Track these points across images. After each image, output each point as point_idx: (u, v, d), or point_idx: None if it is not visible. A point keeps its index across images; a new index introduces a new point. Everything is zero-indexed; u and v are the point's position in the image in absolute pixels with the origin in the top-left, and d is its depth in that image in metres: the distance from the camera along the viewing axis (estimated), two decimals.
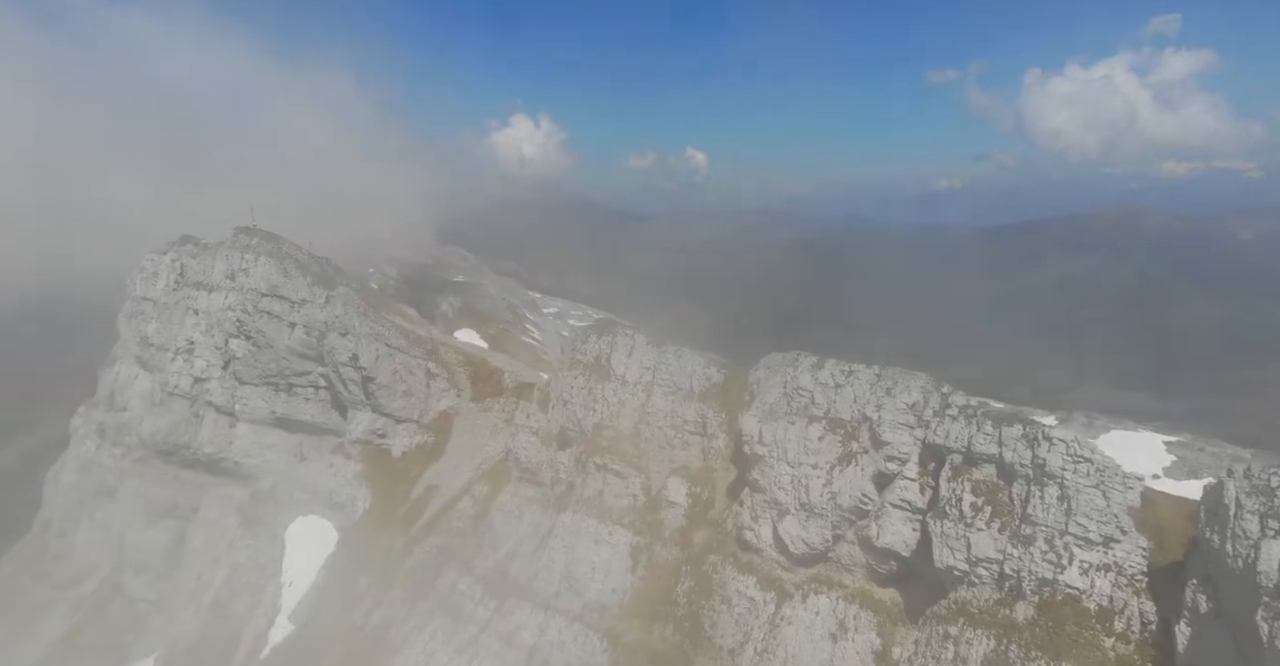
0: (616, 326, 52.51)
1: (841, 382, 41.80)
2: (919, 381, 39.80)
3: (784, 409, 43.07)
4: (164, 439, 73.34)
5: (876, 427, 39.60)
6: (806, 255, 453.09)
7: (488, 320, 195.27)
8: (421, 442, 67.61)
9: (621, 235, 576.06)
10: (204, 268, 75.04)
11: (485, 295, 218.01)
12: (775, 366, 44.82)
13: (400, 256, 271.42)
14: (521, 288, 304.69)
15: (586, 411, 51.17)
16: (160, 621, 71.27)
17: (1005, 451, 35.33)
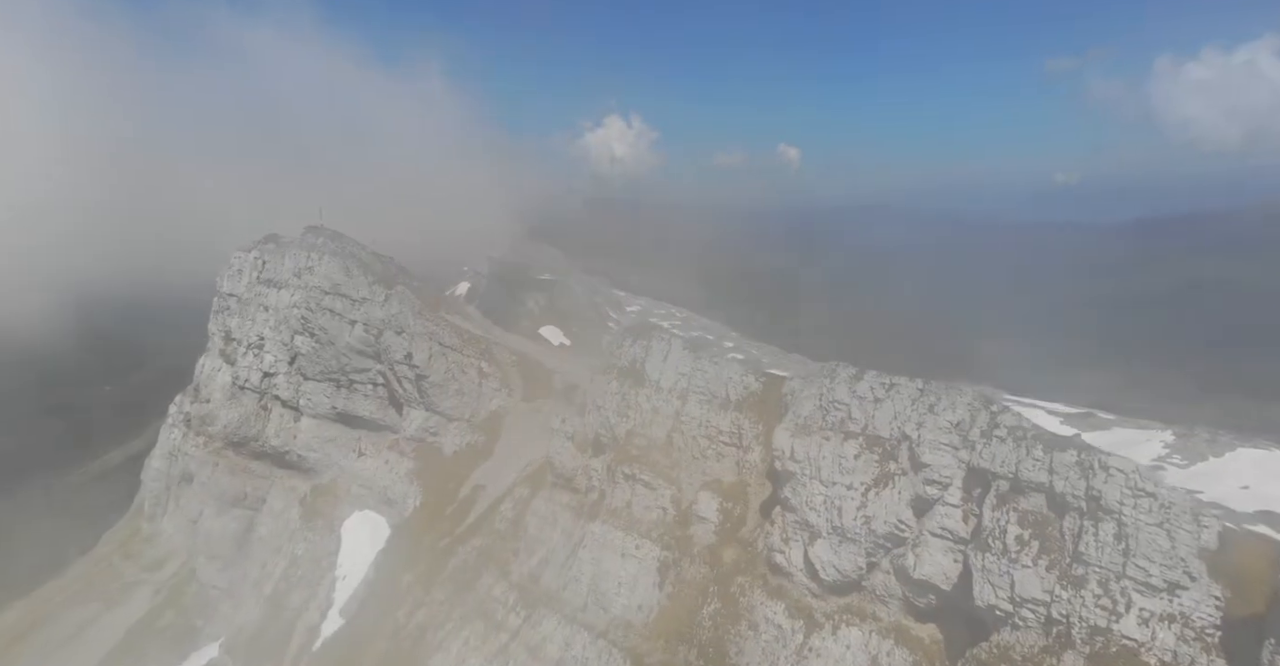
0: (653, 330, 50.72)
1: (881, 397, 38.56)
2: (965, 398, 36.15)
3: (818, 423, 40.17)
4: (235, 430, 76.46)
5: (916, 447, 36.25)
6: (908, 253, 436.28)
7: (571, 318, 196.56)
8: (472, 442, 67.72)
9: (710, 233, 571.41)
10: (274, 266, 77.79)
11: (570, 293, 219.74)
12: (811, 377, 41.94)
13: (494, 255, 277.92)
14: (607, 286, 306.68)
15: (620, 418, 49.58)
16: (228, 608, 74.31)
17: (1056, 480, 31.49)
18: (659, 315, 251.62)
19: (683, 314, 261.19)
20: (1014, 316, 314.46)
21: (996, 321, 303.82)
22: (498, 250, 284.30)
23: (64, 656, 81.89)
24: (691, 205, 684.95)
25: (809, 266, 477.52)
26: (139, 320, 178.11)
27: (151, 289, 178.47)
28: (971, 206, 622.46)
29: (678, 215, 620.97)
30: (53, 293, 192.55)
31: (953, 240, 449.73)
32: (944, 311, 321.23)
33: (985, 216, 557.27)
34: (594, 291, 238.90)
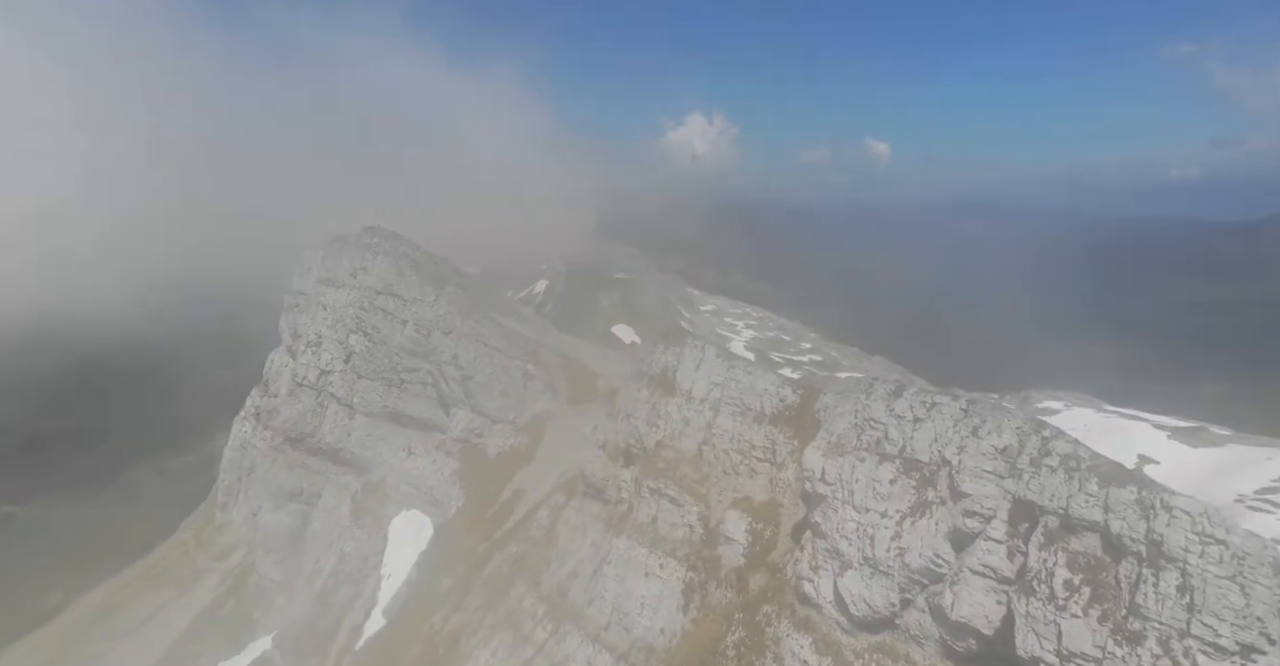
0: (685, 337, 48.28)
1: (921, 416, 35.12)
2: (1013, 421, 32.40)
3: (853, 443, 37.02)
4: (293, 426, 78.26)
5: (956, 474, 32.75)
6: (1005, 251, 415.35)
7: (643, 316, 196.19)
8: (515, 444, 67.02)
9: (791, 231, 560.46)
10: (333, 265, 79.17)
11: (643, 292, 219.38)
12: (846, 391, 38.76)
13: (571, 254, 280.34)
14: (682, 285, 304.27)
15: (649, 428, 47.47)
16: (282, 601, 76.19)
17: (1112, 519, 27.61)
18: (734, 314, 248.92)
19: (759, 313, 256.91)
20: (1122, 319, 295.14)
21: (1103, 324, 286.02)
22: (575, 249, 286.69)
23: (137, 640, 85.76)
24: (773, 202, 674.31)
25: (897, 264, 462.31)
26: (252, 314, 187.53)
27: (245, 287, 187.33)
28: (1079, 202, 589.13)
29: (758, 213, 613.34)
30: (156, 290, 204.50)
31: (1056, 237, 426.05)
32: (1044, 313, 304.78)
33: (1094, 212, 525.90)
34: (667, 290, 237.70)
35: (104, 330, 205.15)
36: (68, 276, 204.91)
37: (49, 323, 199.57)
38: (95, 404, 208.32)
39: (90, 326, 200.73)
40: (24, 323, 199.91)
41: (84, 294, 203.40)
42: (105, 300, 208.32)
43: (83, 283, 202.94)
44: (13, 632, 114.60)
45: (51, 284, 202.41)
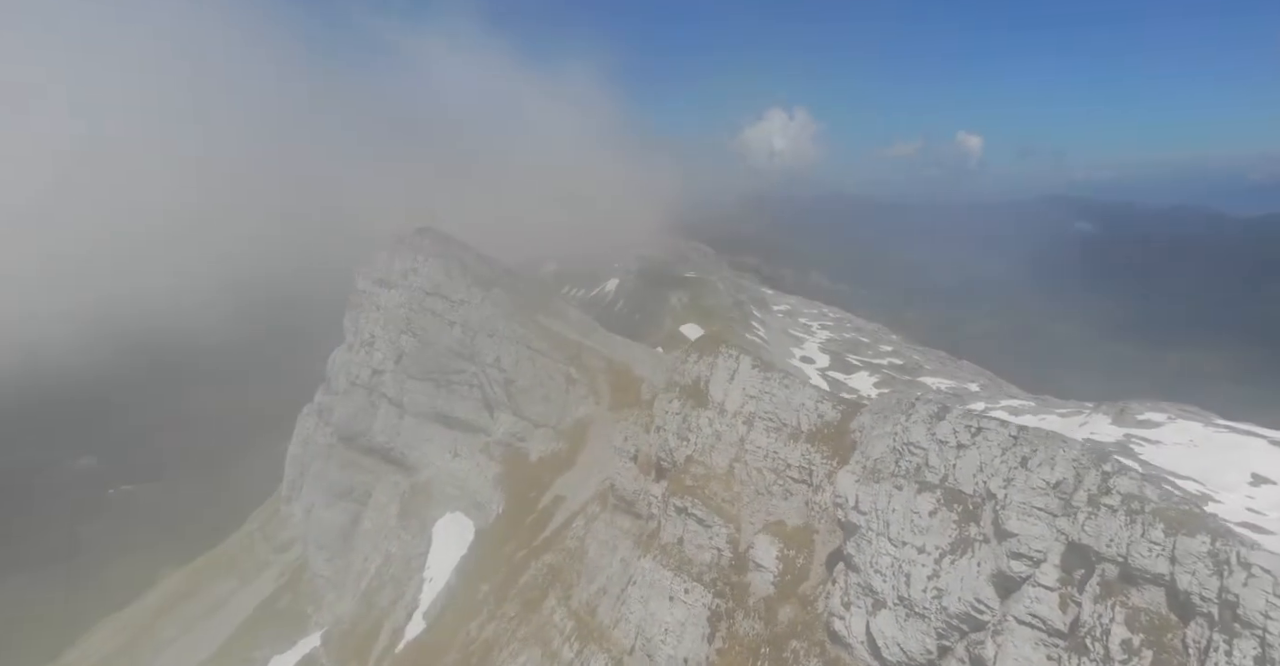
0: (718, 345, 45.52)
1: (966, 442, 31.53)
2: (1069, 452, 28.53)
3: (890, 469, 33.68)
4: (346, 424, 79.21)
5: (1002, 510, 29.13)
6: (1116, 250, 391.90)
7: (712, 316, 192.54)
8: (556, 449, 65.69)
9: (875, 228, 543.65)
10: (386, 266, 79.70)
11: (713, 291, 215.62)
12: (885, 411, 35.35)
13: (643, 253, 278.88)
14: (755, 284, 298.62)
15: (680, 441, 45.01)
16: (332, 598, 77.19)
17: (1180, 572, 23.73)
18: (809, 315, 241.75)
19: (836, 314, 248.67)
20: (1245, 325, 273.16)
21: (1221, 330, 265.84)
22: (647, 247, 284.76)
23: (202, 629, 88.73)
24: (856, 198, 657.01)
25: (991, 263, 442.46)
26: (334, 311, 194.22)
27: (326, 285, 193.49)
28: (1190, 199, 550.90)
29: (840, 209, 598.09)
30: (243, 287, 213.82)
31: (1175, 236, 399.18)
32: (1156, 316, 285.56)
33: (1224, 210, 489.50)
34: (739, 290, 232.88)
35: (202, 328, 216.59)
36: (160, 276, 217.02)
37: (155, 320, 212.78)
38: (200, 393, 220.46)
39: (189, 323, 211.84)
40: (128, 322, 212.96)
41: (173, 291, 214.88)
42: (194, 298, 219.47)
43: (171, 282, 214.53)
44: (105, 608, 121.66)
45: (143, 282, 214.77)
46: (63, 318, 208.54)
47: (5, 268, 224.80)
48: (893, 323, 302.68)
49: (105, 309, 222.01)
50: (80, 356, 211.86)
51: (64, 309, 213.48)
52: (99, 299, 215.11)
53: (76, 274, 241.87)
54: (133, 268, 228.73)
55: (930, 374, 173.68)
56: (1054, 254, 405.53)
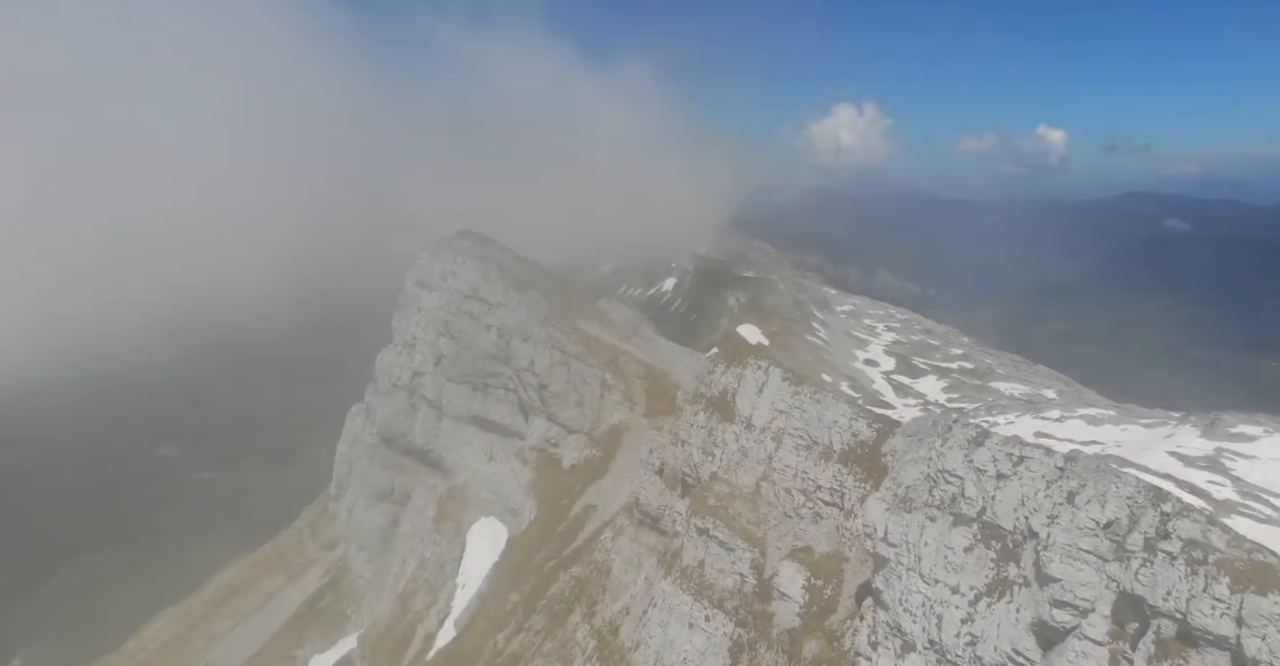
0: (746, 356, 42.99)
1: (1006, 472, 28.41)
2: (1123, 488, 25.23)
3: (923, 497, 30.75)
4: (387, 425, 79.38)
5: (1044, 551, 26.02)
6: (1213, 250, 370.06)
7: (771, 317, 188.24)
8: (589, 456, 64.10)
9: (948, 226, 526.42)
10: (427, 268, 79.52)
11: (772, 291, 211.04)
12: (919, 434, 32.33)
13: (701, 252, 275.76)
14: (818, 283, 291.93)
15: (704, 457, 42.73)
16: (371, 600, 77.36)
17: (1248, 636, 20.47)
18: (874, 316, 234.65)
19: (904, 315, 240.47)
20: None
21: None
22: (705, 246, 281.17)
23: (251, 624, 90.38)
24: (928, 195, 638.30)
25: (1069, 262, 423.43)
26: None
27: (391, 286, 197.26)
28: None
29: (910, 206, 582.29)
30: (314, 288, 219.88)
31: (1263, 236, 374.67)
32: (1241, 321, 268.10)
33: None
34: (800, 289, 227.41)
35: (268, 323, 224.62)
36: (226, 272, 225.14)
37: (224, 316, 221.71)
38: (270, 385, 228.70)
39: (256, 318, 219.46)
40: (197, 317, 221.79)
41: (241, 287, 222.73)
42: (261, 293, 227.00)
43: (239, 278, 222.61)
44: (180, 591, 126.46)
45: (209, 278, 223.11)
46: (132, 311, 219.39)
47: (77, 262, 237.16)
48: (965, 325, 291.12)
49: (172, 304, 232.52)
50: (152, 349, 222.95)
51: (132, 303, 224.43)
52: (165, 294, 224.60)
53: (142, 271, 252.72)
54: (198, 263, 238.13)
55: (1003, 379, 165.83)
56: (1141, 253, 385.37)
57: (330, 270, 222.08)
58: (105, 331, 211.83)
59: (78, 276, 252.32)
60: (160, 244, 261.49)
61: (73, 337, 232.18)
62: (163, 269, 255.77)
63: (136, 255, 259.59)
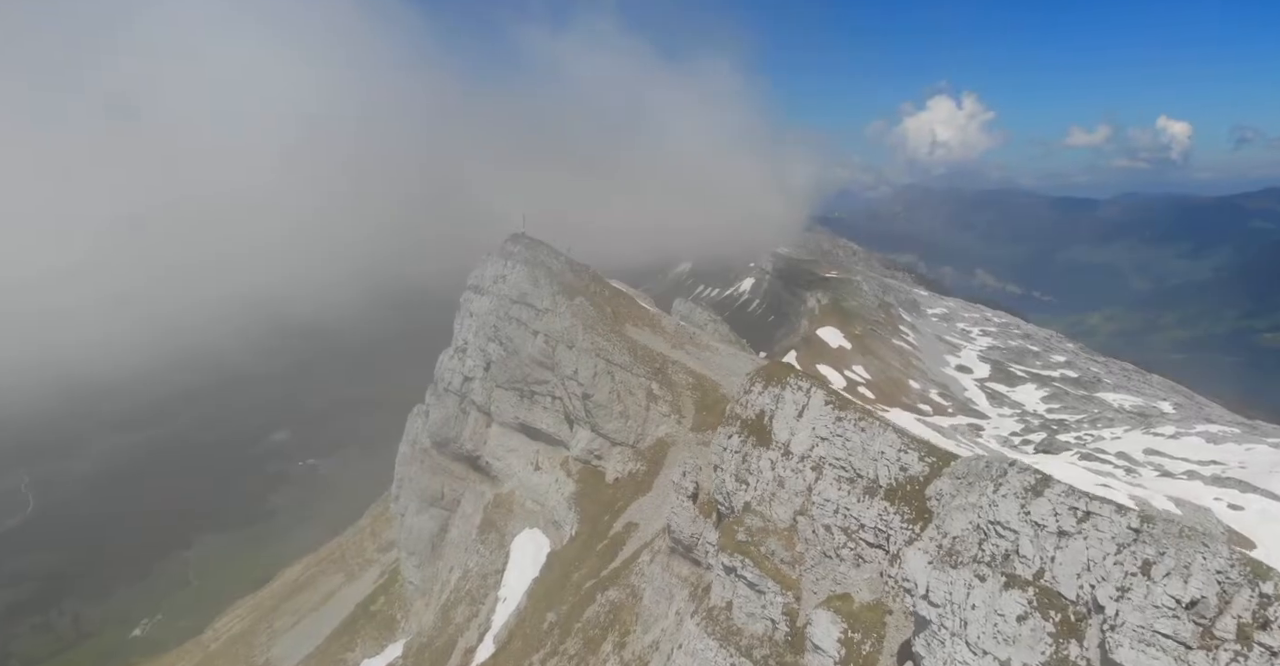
0: (786, 374, 39.12)
1: (1069, 529, 23.98)
2: (1214, 561, 20.61)
3: (971, 551, 26.55)
4: (438, 430, 78.71)
5: (1112, 631, 21.64)
6: None
7: (854, 319, 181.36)
8: (633, 471, 61.29)
9: (1054, 224, 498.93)
10: (480, 272, 78.43)
11: (856, 291, 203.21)
12: (969, 477, 28.05)
13: (782, 251, 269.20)
14: (908, 284, 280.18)
15: (737, 484, 39.19)
16: (419, 607, 76.90)
17: None
18: (968, 319, 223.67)
19: (1001, 318, 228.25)
20: None
21: None
22: (786, 245, 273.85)
23: (309, 622, 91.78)
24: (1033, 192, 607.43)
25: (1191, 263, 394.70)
26: None
27: None
28: None
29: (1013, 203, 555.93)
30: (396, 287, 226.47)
31: None
32: None
33: None
34: (886, 290, 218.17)
35: (363, 318, 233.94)
36: (314, 270, 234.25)
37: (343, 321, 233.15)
38: (365, 377, 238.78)
39: (347, 313, 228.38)
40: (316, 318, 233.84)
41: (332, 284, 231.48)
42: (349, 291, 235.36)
43: (328, 276, 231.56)
44: (256, 581, 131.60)
45: (295, 274, 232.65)
46: (225, 305, 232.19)
47: (175, 259, 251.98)
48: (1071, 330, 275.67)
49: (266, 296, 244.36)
50: (258, 340, 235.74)
51: (223, 299, 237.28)
52: (257, 290, 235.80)
53: (238, 268, 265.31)
54: (287, 257, 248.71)
55: (1111, 389, 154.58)
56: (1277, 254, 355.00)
57: (422, 265, 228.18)
58: (202, 321, 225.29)
59: (180, 273, 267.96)
60: (250, 239, 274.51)
61: (171, 322, 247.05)
62: (255, 263, 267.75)
63: (228, 251, 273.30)
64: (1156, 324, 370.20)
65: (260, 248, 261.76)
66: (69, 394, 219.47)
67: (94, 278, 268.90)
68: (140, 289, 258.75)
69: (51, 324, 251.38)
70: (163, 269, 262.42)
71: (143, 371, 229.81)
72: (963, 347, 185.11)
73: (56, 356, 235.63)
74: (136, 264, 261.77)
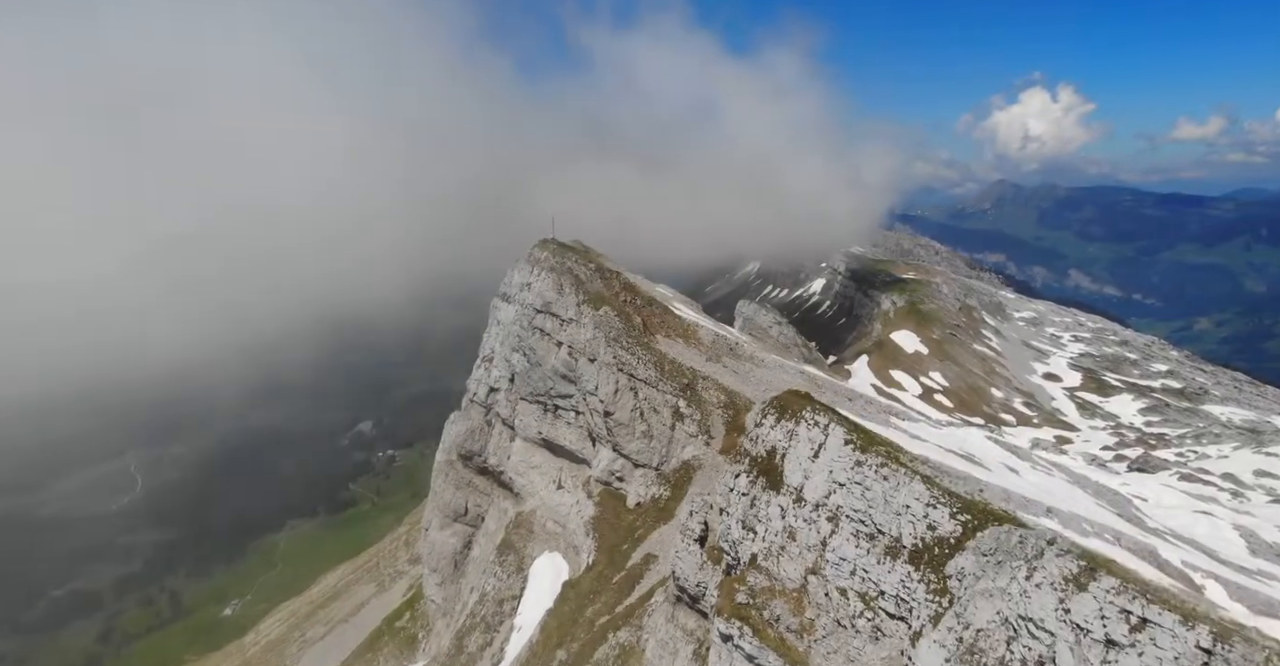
0: (802, 406, 34.19)
1: (1120, 639, 18.78)
2: None
3: (997, 651, 21.49)
4: (462, 442, 76.15)
5: None
6: None
7: (932, 322, 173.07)
8: (656, 495, 57.07)
9: (1161, 222, 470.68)
10: (508, 278, 75.49)
11: (935, 293, 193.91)
12: (996, 555, 22.91)
13: (855, 251, 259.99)
14: (995, 285, 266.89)
15: (744, 532, 34.57)
16: (440, 627, 74.52)
17: None
18: (1059, 324, 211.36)
19: (1097, 323, 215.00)
20: None
21: None
22: (860, 244, 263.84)
23: (337, 634, 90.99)
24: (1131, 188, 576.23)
25: None
26: None
27: None
28: None
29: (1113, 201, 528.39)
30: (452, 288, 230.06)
31: None
32: None
33: None
34: (968, 292, 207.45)
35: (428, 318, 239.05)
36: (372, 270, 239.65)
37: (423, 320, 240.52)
38: (455, 374, 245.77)
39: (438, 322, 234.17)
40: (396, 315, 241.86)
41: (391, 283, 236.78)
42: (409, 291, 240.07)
43: (385, 276, 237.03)
44: (313, 574, 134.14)
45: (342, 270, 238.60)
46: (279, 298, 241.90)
47: (230, 258, 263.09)
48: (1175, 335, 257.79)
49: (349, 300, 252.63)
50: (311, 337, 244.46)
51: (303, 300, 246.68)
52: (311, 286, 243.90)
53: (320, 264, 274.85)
54: (359, 253, 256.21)
55: (1219, 402, 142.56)
56: None
57: (488, 264, 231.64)
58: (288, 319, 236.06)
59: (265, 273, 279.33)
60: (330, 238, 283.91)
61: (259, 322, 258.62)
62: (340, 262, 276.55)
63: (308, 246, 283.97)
64: (1273, 331, 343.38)
65: (341, 247, 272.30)
66: (172, 381, 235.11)
67: (174, 272, 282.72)
68: (225, 285, 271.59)
69: (147, 317, 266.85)
70: (247, 268, 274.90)
71: (239, 362, 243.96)
72: (1052, 354, 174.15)
73: (157, 347, 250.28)
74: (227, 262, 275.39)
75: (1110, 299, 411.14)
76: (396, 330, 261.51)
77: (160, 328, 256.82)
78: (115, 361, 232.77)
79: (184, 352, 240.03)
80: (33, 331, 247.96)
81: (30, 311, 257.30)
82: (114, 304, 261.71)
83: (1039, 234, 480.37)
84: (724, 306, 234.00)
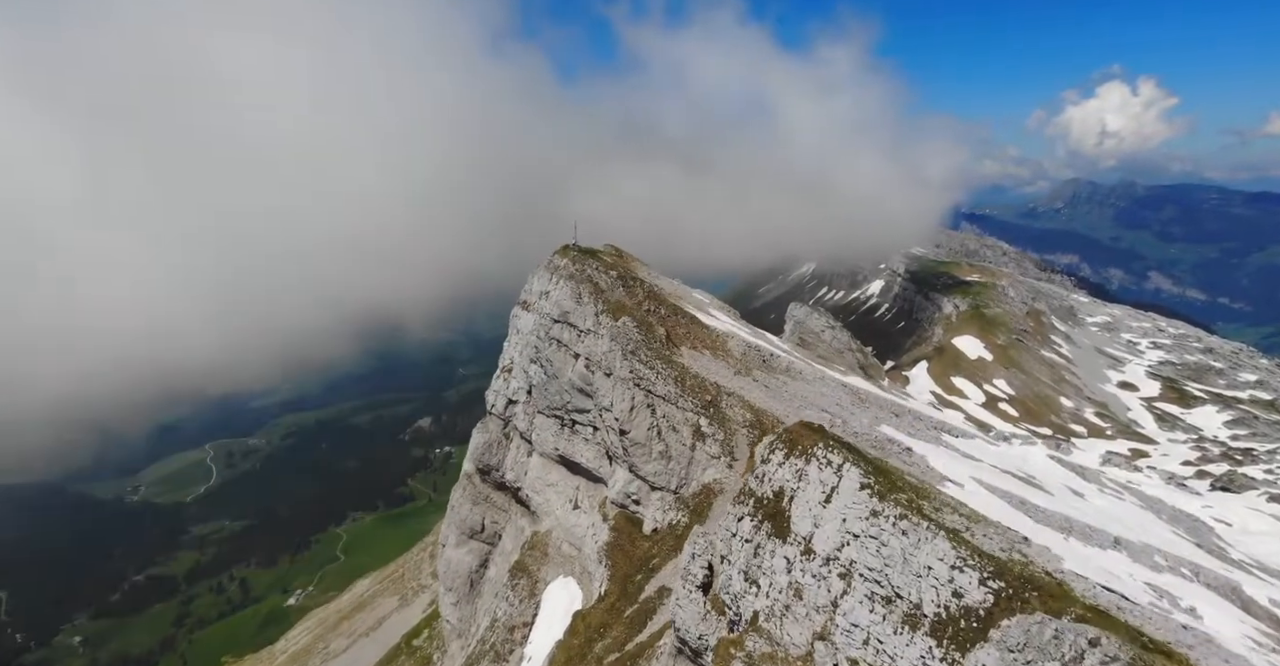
0: (814, 442, 29.94)
1: None
2: None
3: None
4: (479, 456, 73.53)
5: None
6: None
7: (996, 327, 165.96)
8: (674, 521, 53.11)
9: (1252, 222, 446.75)
10: (529, 286, 72.54)
11: (1000, 297, 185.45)
12: (1028, 649, 18.46)
13: (916, 252, 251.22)
14: (1065, 289, 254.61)
15: (747, 585, 30.52)
16: (454, 650, 71.97)
17: None
18: (1136, 330, 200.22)
19: (1178, 329, 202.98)
20: None
21: None
22: (921, 244, 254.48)
23: (361, 647, 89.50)
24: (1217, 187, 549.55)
25: None
26: None
27: None
28: None
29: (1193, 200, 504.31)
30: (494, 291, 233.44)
31: None
32: None
33: None
34: (1036, 296, 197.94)
35: None
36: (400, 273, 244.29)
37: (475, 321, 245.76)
38: None
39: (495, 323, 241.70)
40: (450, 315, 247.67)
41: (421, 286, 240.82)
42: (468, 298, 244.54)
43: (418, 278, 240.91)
44: (373, 564, 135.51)
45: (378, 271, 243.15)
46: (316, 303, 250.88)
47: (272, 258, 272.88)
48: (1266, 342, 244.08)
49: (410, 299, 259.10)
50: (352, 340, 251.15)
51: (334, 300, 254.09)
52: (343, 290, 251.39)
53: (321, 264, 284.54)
54: (400, 252, 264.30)
55: None
56: None
57: (513, 269, 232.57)
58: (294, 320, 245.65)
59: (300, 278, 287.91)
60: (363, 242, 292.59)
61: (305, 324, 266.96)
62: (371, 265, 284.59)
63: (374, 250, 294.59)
64: None
65: (403, 249, 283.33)
66: (246, 376, 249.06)
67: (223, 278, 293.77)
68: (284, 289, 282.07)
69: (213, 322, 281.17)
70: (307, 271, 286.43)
71: (308, 358, 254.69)
72: (1128, 361, 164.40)
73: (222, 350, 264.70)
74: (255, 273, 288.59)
75: (1194, 303, 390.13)
76: (453, 330, 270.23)
77: (221, 333, 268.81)
78: (184, 361, 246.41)
79: (245, 354, 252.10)
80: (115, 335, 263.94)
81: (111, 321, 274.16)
82: (182, 309, 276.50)
83: (1116, 234, 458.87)
84: (776, 308, 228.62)
